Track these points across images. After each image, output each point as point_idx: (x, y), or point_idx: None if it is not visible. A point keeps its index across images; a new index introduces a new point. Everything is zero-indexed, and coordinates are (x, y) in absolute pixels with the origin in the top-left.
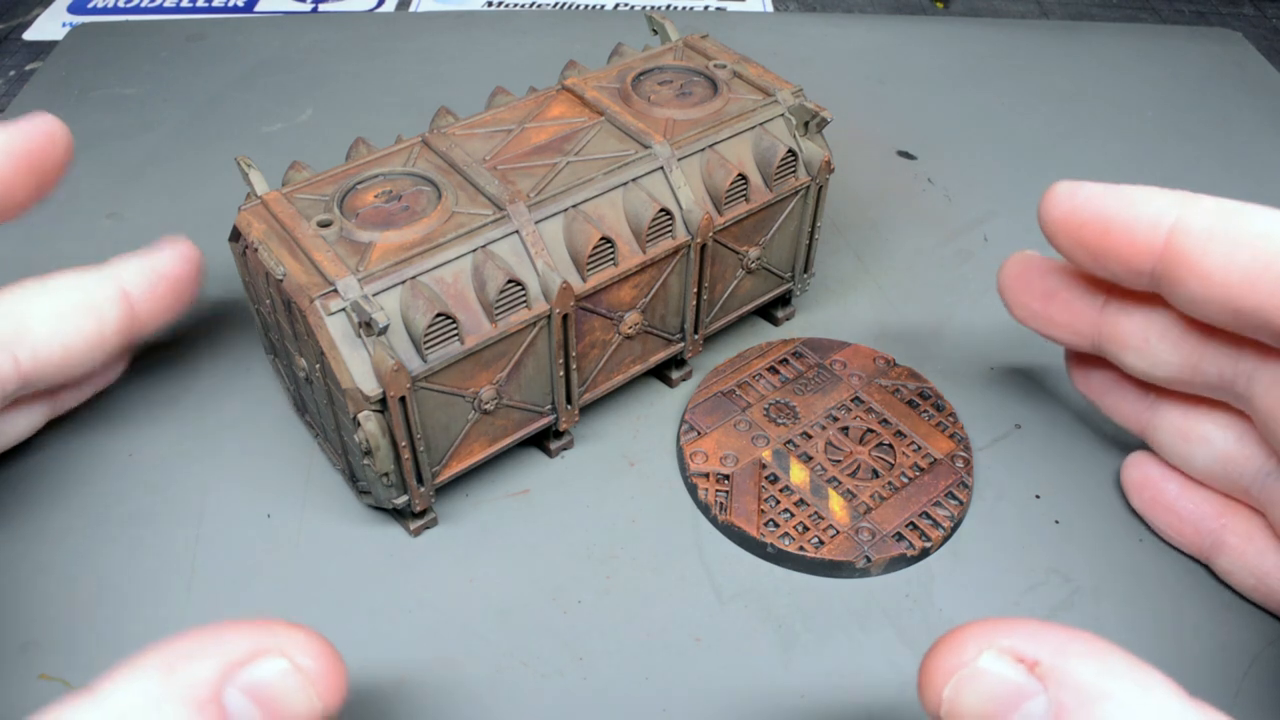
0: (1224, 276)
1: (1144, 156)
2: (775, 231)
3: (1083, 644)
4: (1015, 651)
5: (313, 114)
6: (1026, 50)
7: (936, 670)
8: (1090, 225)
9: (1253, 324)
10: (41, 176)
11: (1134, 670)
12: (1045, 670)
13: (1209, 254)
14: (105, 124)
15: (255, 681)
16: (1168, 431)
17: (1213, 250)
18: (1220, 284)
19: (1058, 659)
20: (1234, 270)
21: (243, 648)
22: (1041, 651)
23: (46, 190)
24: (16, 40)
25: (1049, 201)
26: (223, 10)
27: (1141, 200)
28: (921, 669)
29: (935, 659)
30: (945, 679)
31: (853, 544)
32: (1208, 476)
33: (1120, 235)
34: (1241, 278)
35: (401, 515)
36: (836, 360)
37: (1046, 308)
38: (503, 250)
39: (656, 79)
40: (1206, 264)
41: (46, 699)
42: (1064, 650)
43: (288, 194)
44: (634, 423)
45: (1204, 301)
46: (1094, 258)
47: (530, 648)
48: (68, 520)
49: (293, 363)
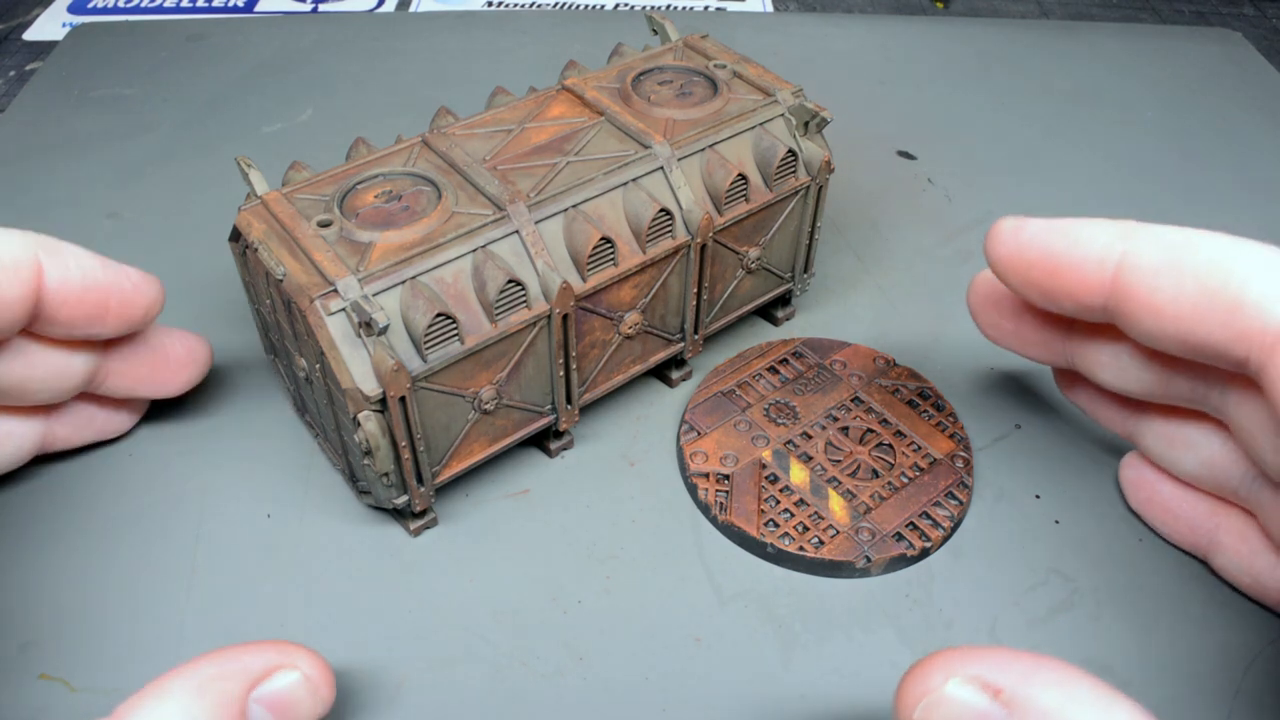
0: (1174, 310)
1: (1144, 156)
2: (775, 231)
3: (1049, 672)
4: (981, 679)
5: (313, 114)
6: (1026, 50)
7: (907, 695)
8: (1037, 265)
9: (1208, 355)
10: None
11: (1099, 698)
12: (1009, 698)
13: (1158, 289)
14: (105, 124)
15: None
16: (1153, 437)
17: (1161, 285)
18: (1171, 318)
19: (1022, 687)
20: (1184, 303)
21: (260, 665)
22: (1006, 679)
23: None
24: (16, 40)
25: (993, 240)
26: (223, 10)
27: (1086, 237)
28: (896, 693)
29: (906, 685)
30: (914, 704)
31: (853, 544)
32: (1196, 479)
33: (1068, 274)
34: (1191, 310)
35: (401, 515)
36: (836, 360)
37: (1018, 327)
38: (503, 250)
39: (656, 79)
40: (1156, 299)
41: (46, 699)
42: (1029, 678)
43: (288, 194)
44: (634, 423)
45: (1158, 335)
46: (1045, 296)
47: (530, 648)
48: (68, 520)
49: (293, 363)
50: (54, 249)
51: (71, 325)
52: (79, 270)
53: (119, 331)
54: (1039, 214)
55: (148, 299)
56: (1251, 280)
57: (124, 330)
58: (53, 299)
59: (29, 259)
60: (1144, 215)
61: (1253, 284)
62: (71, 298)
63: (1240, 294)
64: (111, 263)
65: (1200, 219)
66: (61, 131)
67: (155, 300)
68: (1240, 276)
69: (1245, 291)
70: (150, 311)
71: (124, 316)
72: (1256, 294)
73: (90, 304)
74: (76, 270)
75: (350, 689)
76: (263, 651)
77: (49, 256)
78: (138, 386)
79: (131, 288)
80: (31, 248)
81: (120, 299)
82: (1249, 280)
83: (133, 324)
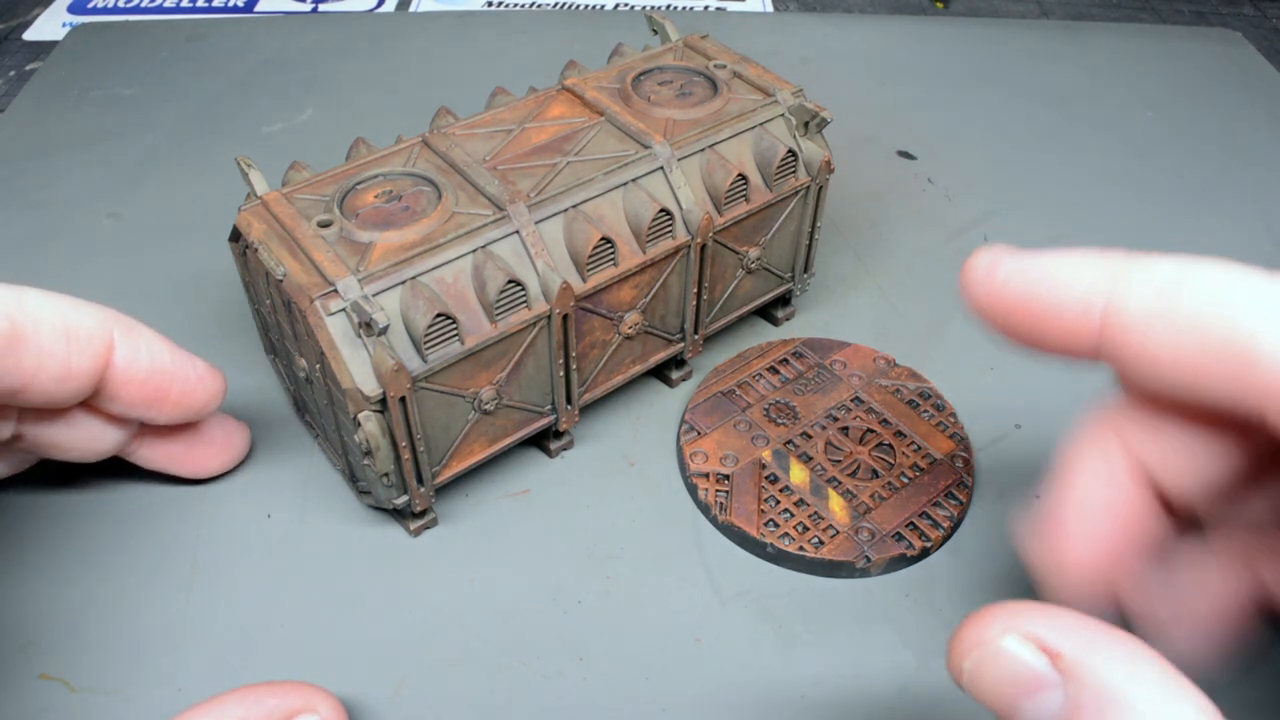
0: (1173, 363)
1: (1144, 156)
2: (775, 231)
3: (1115, 646)
4: (1040, 640)
5: (313, 114)
6: (1026, 50)
7: (960, 643)
8: (1017, 310)
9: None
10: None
11: (1163, 679)
12: (1068, 665)
13: (1152, 339)
14: (105, 124)
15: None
16: None
17: (1156, 336)
18: (1170, 370)
19: (1083, 655)
20: (1184, 356)
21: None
22: (1067, 645)
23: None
24: (16, 40)
25: (968, 279)
26: (223, 10)
27: (1068, 279)
28: (950, 642)
29: (961, 633)
30: (966, 653)
31: (853, 544)
32: None
33: (1051, 321)
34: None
35: (401, 515)
36: (836, 360)
37: None
38: (503, 250)
39: (656, 79)
40: (1151, 351)
41: (46, 699)
42: (1092, 649)
43: (288, 194)
44: (634, 423)
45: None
46: (1029, 341)
47: (530, 648)
48: (68, 520)
49: (293, 363)
50: (129, 328)
51: (130, 405)
52: (148, 353)
53: (174, 419)
54: (1040, 213)
55: (209, 392)
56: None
57: (180, 419)
58: (118, 377)
59: (103, 335)
60: (1144, 215)
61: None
62: (136, 378)
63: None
64: (181, 351)
65: (1200, 219)
66: (61, 131)
67: (216, 394)
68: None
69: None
70: (209, 405)
71: (182, 405)
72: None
73: (152, 388)
74: (146, 353)
75: (350, 689)
76: (285, 694)
77: (122, 335)
78: (169, 464)
79: (196, 378)
80: (107, 324)
81: (182, 388)
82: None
83: (189, 414)
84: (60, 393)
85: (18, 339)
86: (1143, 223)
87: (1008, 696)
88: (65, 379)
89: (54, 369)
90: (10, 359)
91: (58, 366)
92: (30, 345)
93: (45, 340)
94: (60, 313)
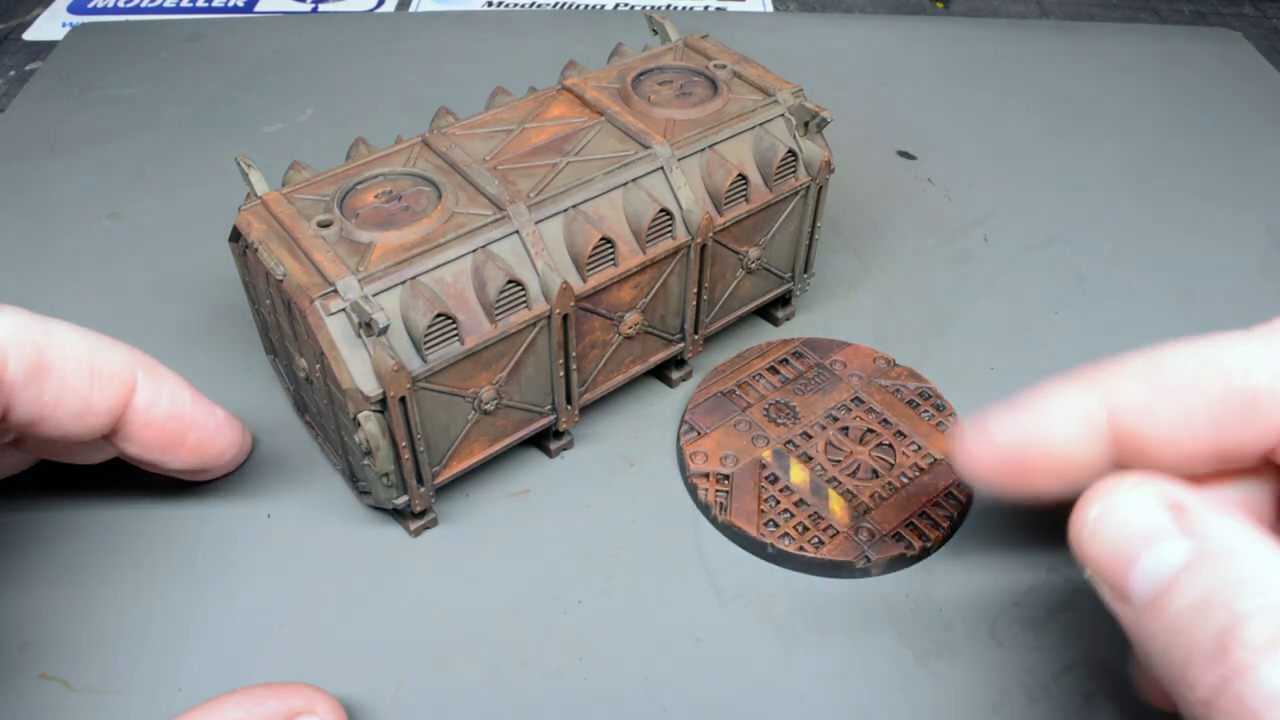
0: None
1: (1144, 157)
2: (775, 231)
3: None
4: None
5: (313, 114)
6: (1026, 50)
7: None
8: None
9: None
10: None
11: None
12: (1191, 521)
13: (1163, 421)
14: (105, 124)
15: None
16: None
17: (1165, 415)
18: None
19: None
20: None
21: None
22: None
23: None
24: (16, 40)
25: (962, 457)
26: (223, 10)
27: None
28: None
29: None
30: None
31: (853, 544)
32: None
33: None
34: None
35: (401, 515)
36: (836, 360)
37: None
38: (503, 250)
39: (656, 79)
40: (1165, 431)
41: (46, 699)
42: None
43: (288, 194)
44: (634, 423)
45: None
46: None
47: (530, 648)
48: (68, 521)
49: (293, 363)
50: (153, 371)
51: (145, 448)
52: (170, 397)
53: (189, 466)
54: (1040, 213)
55: (226, 441)
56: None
57: (194, 466)
58: (136, 419)
59: (127, 375)
60: (1144, 215)
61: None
62: (154, 422)
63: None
64: (204, 399)
65: (1200, 219)
66: (61, 131)
67: (234, 444)
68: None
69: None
70: (225, 455)
71: (198, 453)
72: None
73: (169, 433)
74: (167, 397)
75: (350, 689)
76: (285, 694)
77: (146, 377)
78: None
79: (214, 427)
80: (132, 365)
81: (199, 436)
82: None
83: (204, 462)
84: (77, 428)
85: (43, 371)
86: (1143, 223)
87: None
88: (84, 415)
89: (74, 405)
90: (33, 390)
91: (78, 403)
92: (54, 379)
93: (70, 375)
94: (87, 349)
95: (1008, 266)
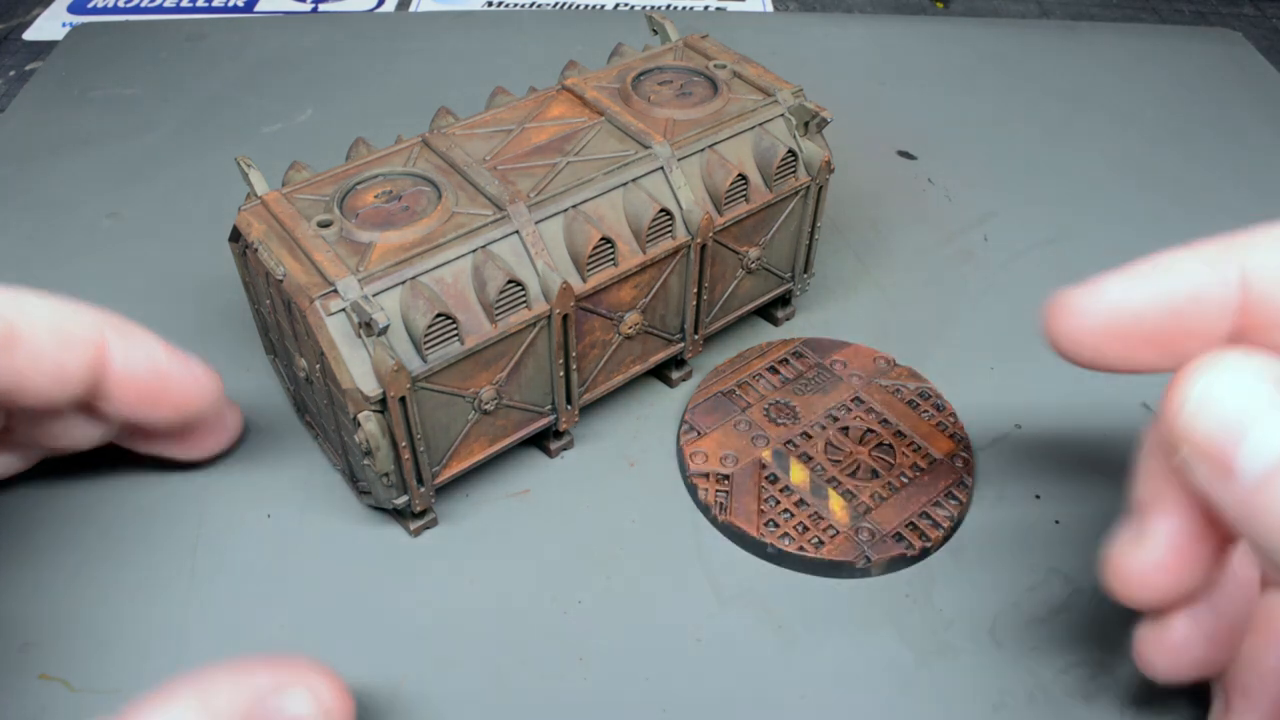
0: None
1: (1144, 156)
2: (775, 231)
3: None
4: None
5: (313, 114)
6: (1026, 50)
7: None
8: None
9: None
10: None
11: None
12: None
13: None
14: (105, 124)
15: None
16: None
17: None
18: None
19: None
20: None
21: (269, 682)
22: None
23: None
24: (16, 40)
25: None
26: (223, 10)
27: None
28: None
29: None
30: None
31: (853, 544)
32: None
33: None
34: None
35: (401, 515)
36: (836, 360)
37: None
38: (503, 250)
39: (656, 79)
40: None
41: (46, 699)
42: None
43: (288, 194)
44: (634, 423)
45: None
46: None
47: (530, 648)
48: (68, 521)
49: (293, 363)
50: (123, 331)
51: (126, 406)
52: (144, 354)
53: (171, 420)
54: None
55: (205, 392)
56: None
57: (176, 420)
58: (113, 378)
59: (96, 337)
60: (1143, 215)
61: None
62: (132, 380)
63: None
64: (179, 353)
65: (1200, 219)
66: (61, 131)
67: (212, 394)
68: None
69: None
70: (205, 405)
71: (178, 406)
72: None
73: (148, 389)
74: (142, 354)
75: (350, 689)
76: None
77: (117, 337)
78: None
79: (191, 379)
80: (100, 326)
81: (179, 388)
82: None
83: (186, 414)
84: (54, 394)
85: (14, 340)
86: (1143, 223)
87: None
88: (58, 380)
89: (48, 370)
90: (5, 360)
91: (51, 368)
92: (24, 346)
93: (40, 342)
94: (54, 314)
95: (1008, 266)
